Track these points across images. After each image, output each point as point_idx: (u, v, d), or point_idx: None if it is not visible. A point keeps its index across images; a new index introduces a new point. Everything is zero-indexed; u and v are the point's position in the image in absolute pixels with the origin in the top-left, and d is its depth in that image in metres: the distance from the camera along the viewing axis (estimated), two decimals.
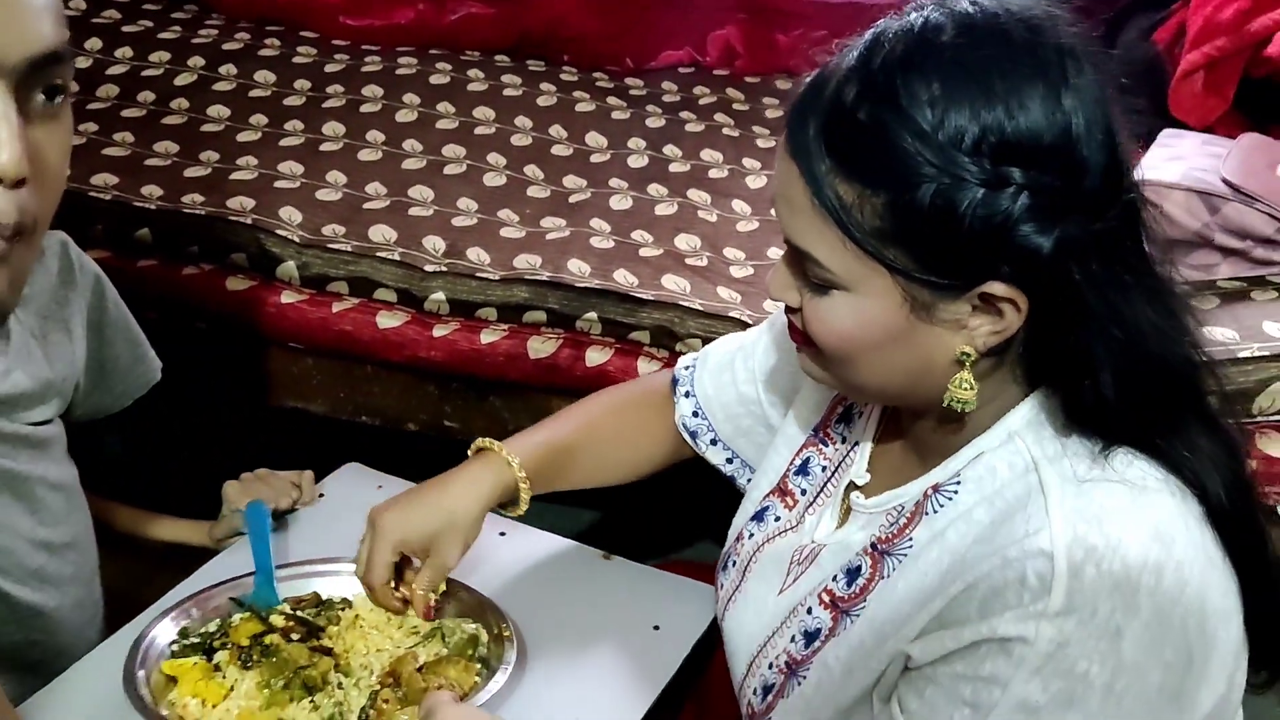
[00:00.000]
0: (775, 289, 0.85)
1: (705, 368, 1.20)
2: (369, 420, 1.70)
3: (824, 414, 1.05)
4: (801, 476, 1.04)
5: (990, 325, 0.78)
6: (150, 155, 1.85)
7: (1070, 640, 0.73)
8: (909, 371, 0.82)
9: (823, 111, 0.76)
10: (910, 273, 0.76)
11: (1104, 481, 0.77)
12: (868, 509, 0.93)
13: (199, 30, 2.32)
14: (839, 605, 0.91)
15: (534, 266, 1.64)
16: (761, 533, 1.05)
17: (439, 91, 2.15)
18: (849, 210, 0.75)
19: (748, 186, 1.94)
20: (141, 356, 1.36)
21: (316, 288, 1.63)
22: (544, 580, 1.24)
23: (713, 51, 2.44)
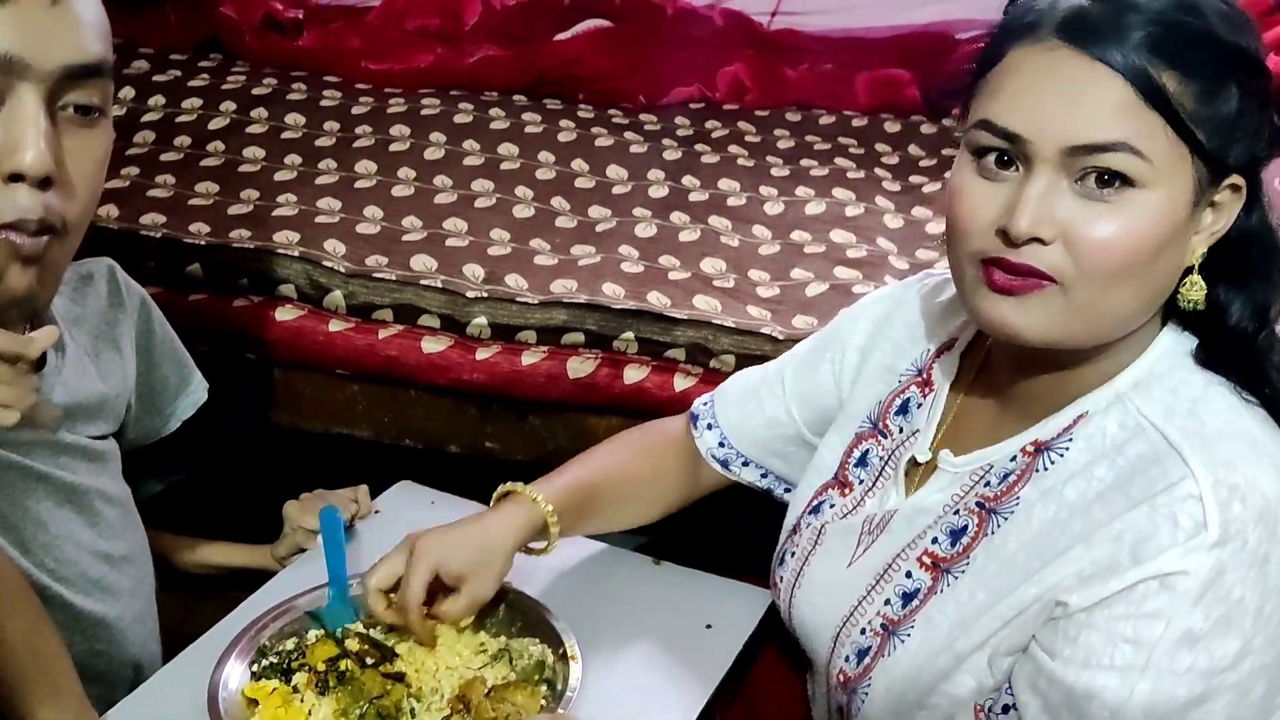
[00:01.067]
0: (1029, 221, 0.84)
1: (726, 400, 1.26)
2: (412, 443, 1.76)
3: (881, 408, 1.11)
4: (861, 468, 1.10)
5: (1211, 224, 0.88)
6: (193, 195, 1.92)
7: (1226, 568, 0.81)
8: (1164, 282, 0.88)
9: (1144, 22, 0.83)
10: (1212, 155, 0.84)
11: (1223, 435, 0.86)
12: (954, 466, 0.99)
13: (227, 78, 2.39)
14: (940, 565, 0.96)
15: (570, 290, 1.71)
16: (820, 520, 1.11)
17: (464, 130, 2.22)
18: (1174, 96, 0.82)
19: (766, 212, 2.02)
20: (187, 378, 1.41)
21: (362, 316, 1.70)
22: (597, 585, 1.29)
23: (722, 87, 2.52)
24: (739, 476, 1.26)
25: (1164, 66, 0.82)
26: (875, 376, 1.14)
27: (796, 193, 2.09)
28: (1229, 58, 0.84)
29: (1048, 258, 0.84)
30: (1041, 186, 0.84)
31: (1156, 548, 0.83)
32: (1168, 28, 0.83)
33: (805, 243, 1.91)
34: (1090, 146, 0.83)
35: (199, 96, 2.27)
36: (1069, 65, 0.83)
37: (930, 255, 1.88)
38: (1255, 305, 0.89)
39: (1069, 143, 0.83)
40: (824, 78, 2.53)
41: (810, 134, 2.37)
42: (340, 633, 1.13)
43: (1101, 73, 0.82)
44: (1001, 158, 0.86)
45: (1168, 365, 0.91)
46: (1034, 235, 0.84)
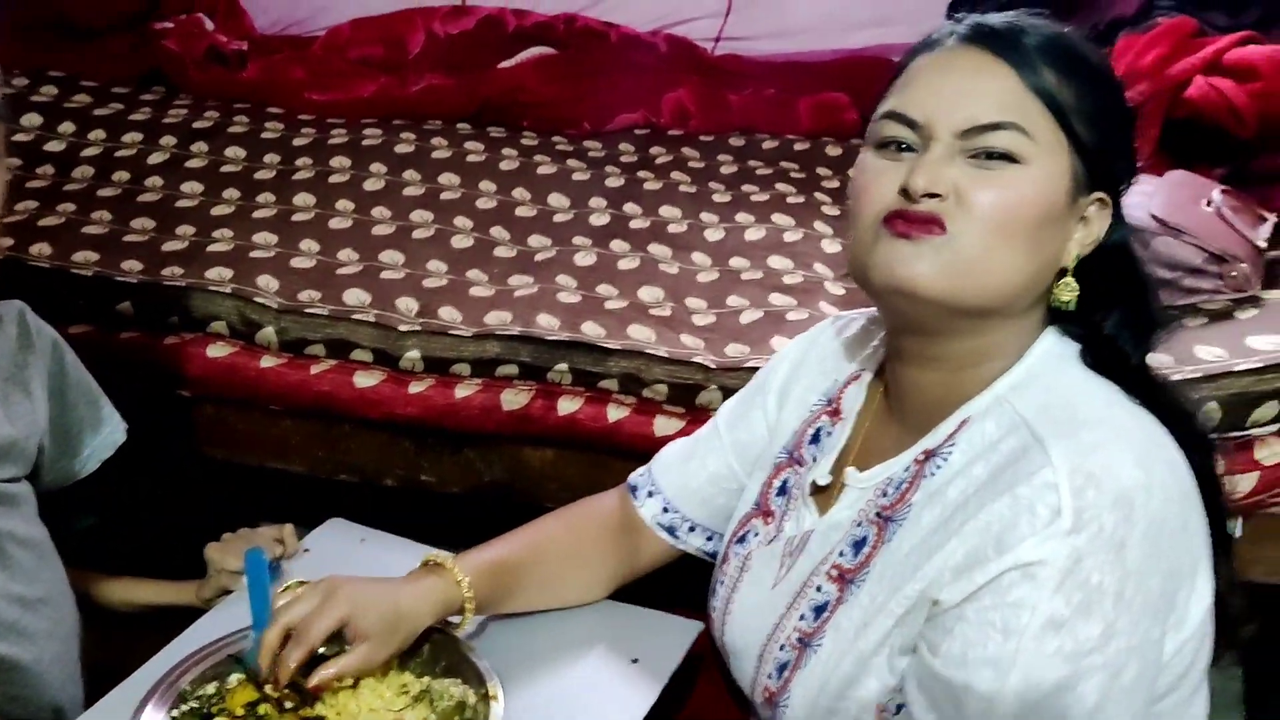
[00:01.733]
0: (926, 178, 0.91)
1: (665, 465, 1.27)
2: (348, 478, 1.76)
3: (796, 437, 1.14)
4: (781, 496, 1.13)
5: (1082, 237, 0.96)
6: (128, 232, 1.91)
7: (1083, 554, 0.84)
8: (1043, 263, 0.95)
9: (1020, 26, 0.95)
10: (1088, 149, 0.93)
11: (1088, 424, 0.90)
12: (860, 483, 1.03)
13: (169, 111, 2.39)
14: (845, 576, 1.00)
15: (505, 322, 1.71)
16: (745, 549, 1.13)
17: (405, 160, 2.22)
18: (1055, 88, 0.92)
19: (706, 240, 2.02)
20: (104, 418, 1.41)
21: (295, 351, 1.69)
22: (524, 621, 1.28)
23: (667, 113, 2.53)
24: (685, 544, 1.26)
25: (1046, 66, 0.93)
26: (793, 412, 1.17)
27: (737, 218, 2.09)
28: (1101, 78, 0.96)
29: (941, 209, 0.92)
30: (938, 156, 0.92)
31: (1017, 537, 0.86)
32: (1052, 39, 0.95)
33: (743, 269, 1.92)
34: (982, 127, 0.91)
35: (139, 130, 2.27)
36: (966, 60, 0.94)
37: None
38: (1132, 322, 0.97)
39: (963, 126, 0.92)
40: (767, 102, 2.55)
41: (753, 158, 2.38)
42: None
43: (994, 65, 0.93)
44: (900, 146, 0.95)
45: (1045, 366, 0.96)
46: (930, 190, 0.91)
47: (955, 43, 0.96)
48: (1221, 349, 1.54)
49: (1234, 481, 1.49)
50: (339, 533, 1.44)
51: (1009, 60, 0.92)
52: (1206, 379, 1.48)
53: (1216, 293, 1.68)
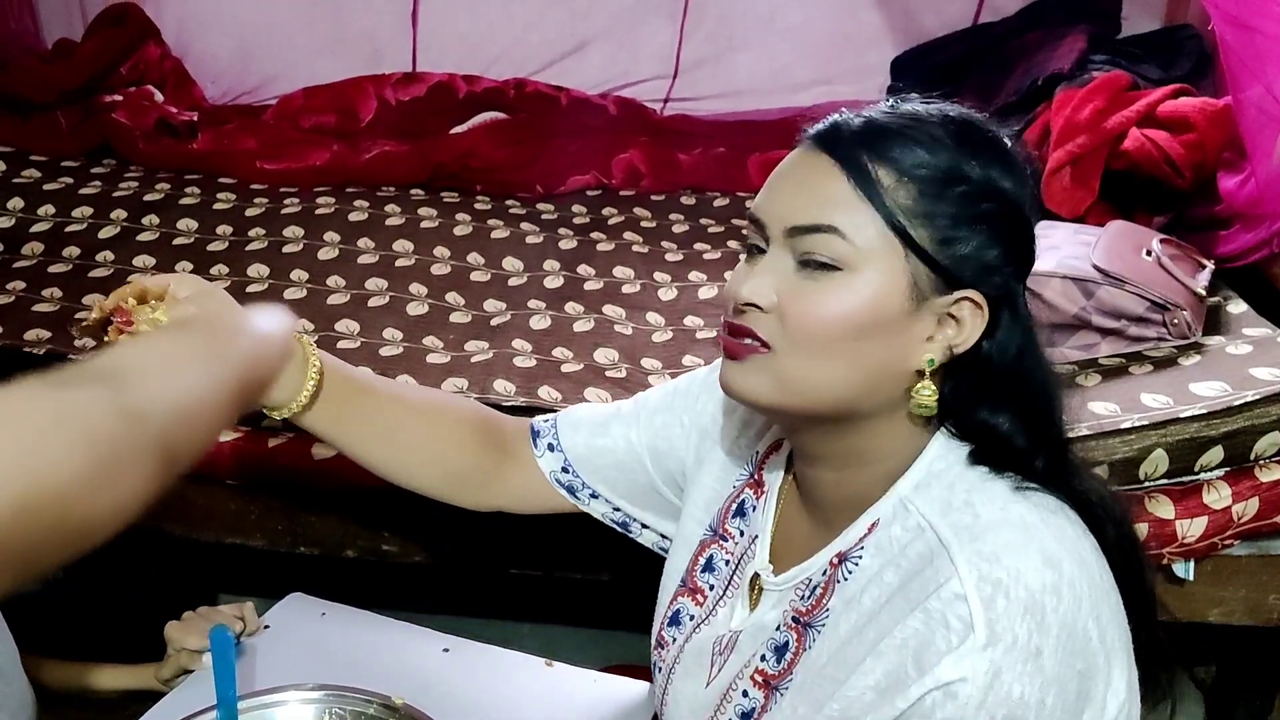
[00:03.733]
0: (749, 288, 0.91)
1: (573, 426, 1.24)
2: (308, 550, 1.74)
3: (720, 513, 1.12)
4: (708, 573, 1.11)
5: (951, 337, 0.91)
6: (80, 309, 1.90)
7: (1001, 668, 0.82)
8: (876, 370, 0.91)
9: (864, 125, 0.91)
10: (926, 252, 0.88)
11: (992, 526, 0.87)
12: (778, 585, 1.00)
13: (119, 183, 2.39)
14: (770, 683, 0.97)
15: (461, 389, 1.71)
16: (680, 634, 1.11)
17: (358, 228, 2.23)
18: (886, 190, 0.88)
19: (660, 299, 2.04)
20: None
21: (251, 425, 1.68)
22: (489, 693, 1.29)
23: (618, 174, 2.57)
24: (588, 508, 1.24)
25: (880, 163, 0.89)
26: (712, 474, 1.15)
27: (690, 278, 2.12)
28: (962, 176, 0.90)
29: (762, 324, 0.91)
30: (769, 262, 0.91)
31: (935, 655, 0.83)
32: (889, 131, 0.90)
33: (698, 328, 1.94)
34: (802, 228, 0.89)
35: (90, 205, 2.26)
36: (805, 161, 0.93)
37: None
38: (1028, 426, 0.92)
39: (787, 224, 0.90)
40: (717, 160, 2.59)
41: (704, 216, 2.41)
42: None
43: (826, 165, 0.90)
44: (755, 248, 0.95)
45: (945, 464, 0.93)
46: (750, 301, 0.91)
47: (805, 147, 0.94)
48: (1167, 396, 1.57)
49: (1185, 526, 1.51)
50: (300, 608, 1.44)
51: (844, 163, 0.89)
52: (1153, 426, 1.51)
53: (1161, 340, 1.72)
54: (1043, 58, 2.31)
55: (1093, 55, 2.28)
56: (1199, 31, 2.34)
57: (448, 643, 1.38)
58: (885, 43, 2.69)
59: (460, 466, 1.22)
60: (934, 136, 0.90)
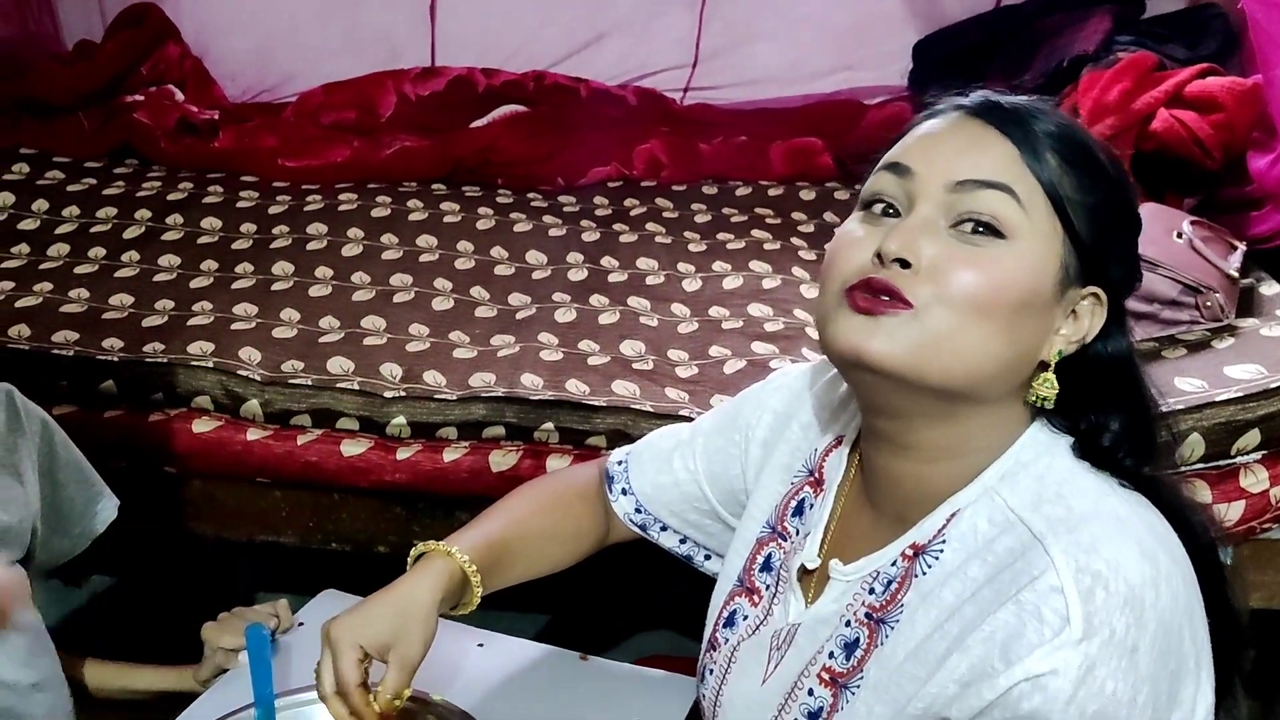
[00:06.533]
0: (899, 243, 0.86)
1: (641, 465, 1.24)
2: (339, 547, 1.74)
3: (778, 511, 1.10)
4: (765, 573, 1.09)
5: (1072, 333, 0.90)
6: (107, 309, 1.91)
7: (1095, 663, 0.80)
8: (1015, 351, 0.88)
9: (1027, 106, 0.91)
10: (1081, 239, 0.88)
11: (1086, 518, 0.85)
12: (844, 575, 0.98)
13: (142, 184, 2.40)
14: (838, 681, 0.95)
15: (489, 384, 1.71)
16: (735, 635, 1.09)
17: (381, 224, 2.23)
18: (1052, 169, 0.88)
19: (684, 290, 2.04)
20: (95, 496, 1.40)
21: (280, 423, 1.68)
22: (524, 687, 1.28)
23: (639, 165, 2.55)
24: (657, 541, 1.25)
25: (1049, 149, 0.88)
26: (774, 476, 1.13)
27: (714, 268, 2.11)
28: (1106, 177, 0.90)
29: (909, 283, 0.86)
30: (918, 220, 0.87)
31: (1025, 647, 0.81)
32: (1060, 127, 0.90)
33: (723, 319, 1.93)
34: (974, 181, 0.87)
35: (114, 205, 2.27)
36: (967, 126, 0.90)
37: None
38: (1131, 436, 0.91)
39: (955, 177, 0.87)
40: (738, 149, 2.57)
41: (727, 206, 2.40)
42: None
43: (994, 135, 0.89)
44: (888, 209, 0.90)
45: (1034, 454, 0.91)
46: (901, 256, 0.86)
47: (960, 114, 0.91)
48: (1201, 380, 1.55)
49: (1222, 510, 1.50)
50: (333, 605, 1.43)
51: (1012, 137, 0.88)
52: (1189, 410, 1.50)
53: (1194, 323, 1.70)
54: (1067, 39, 2.28)
55: (1118, 36, 2.25)
56: (1224, 10, 2.31)
57: (481, 637, 1.37)
58: (906, 28, 2.66)
59: (586, 545, 1.25)
60: (1087, 137, 0.91)
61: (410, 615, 1.05)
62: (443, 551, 1.11)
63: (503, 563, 1.16)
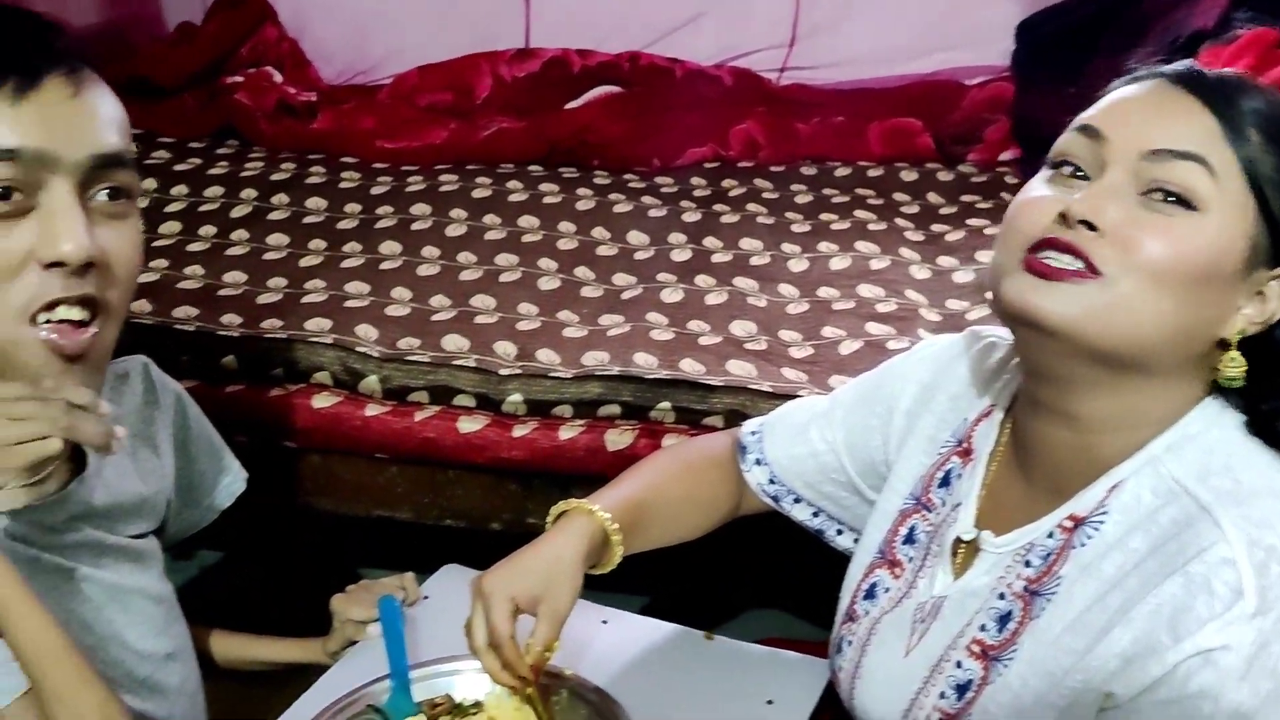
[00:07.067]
0: (1088, 205, 0.86)
1: (775, 436, 1.24)
2: (453, 523, 1.76)
3: (923, 482, 1.10)
4: (909, 545, 1.08)
5: (1254, 314, 0.88)
6: (222, 286, 1.94)
7: (1270, 639, 0.78)
8: (1193, 324, 0.87)
9: (1233, 78, 0.90)
10: (1276, 219, 0.86)
11: (1257, 492, 0.84)
12: (997, 548, 0.97)
13: (245, 163, 2.43)
14: (989, 653, 0.94)
15: (603, 362, 1.71)
16: (876, 607, 1.09)
17: (483, 204, 2.24)
18: (1252, 145, 0.86)
19: (790, 270, 2.02)
20: (225, 468, 1.42)
21: (398, 399, 1.70)
22: (652, 665, 1.28)
23: (735, 145, 2.54)
24: (790, 513, 1.25)
25: (1253, 125, 0.87)
26: (919, 447, 1.12)
27: (819, 248, 2.09)
28: None
29: (1095, 247, 0.85)
30: (1106, 186, 0.87)
31: (1195, 621, 0.80)
32: (1270, 105, 0.88)
33: (833, 299, 1.91)
34: (1168, 151, 0.85)
35: (220, 184, 2.30)
36: (1167, 94, 0.89)
37: (961, 306, 1.88)
38: None
39: (1149, 145, 0.86)
40: (836, 130, 2.55)
41: (827, 187, 2.38)
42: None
43: (1195, 105, 0.87)
44: (1076, 171, 0.89)
45: (1202, 427, 0.90)
46: (1088, 218, 0.85)
47: (1161, 81, 0.90)
48: None
49: None
50: (456, 578, 1.44)
51: (1214, 108, 0.87)
52: None
53: None
54: (1182, 15, 2.22)
55: (1235, 11, 2.19)
56: None
57: (605, 614, 1.37)
58: (1009, 6, 2.60)
59: (719, 514, 1.26)
60: None
61: (558, 569, 1.06)
62: (585, 510, 1.12)
63: (641, 524, 1.16)
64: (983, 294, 1.09)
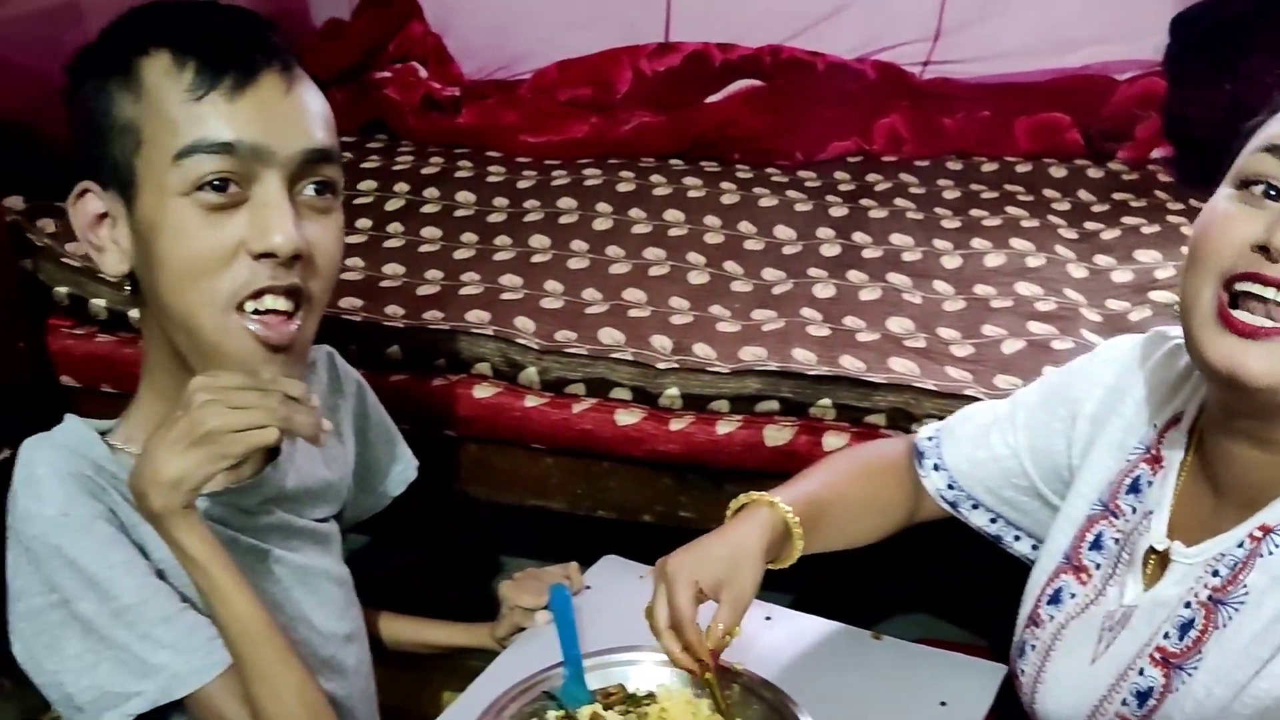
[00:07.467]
0: None
1: (955, 441, 1.23)
2: (605, 514, 1.77)
3: (1111, 488, 1.08)
4: (1096, 551, 1.07)
5: None
6: (382, 278, 1.98)
7: None
8: None
9: None
10: None
11: None
12: (1188, 559, 0.96)
13: (395, 158, 2.48)
14: (1171, 661, 0.93)
15: (761, 358, 1.71)
16: (1061, 612, 1.08)
17: (628, 199, 2.25)
18: None
19: (944, 266, 1.99)
20: (399, 456, 1.46)
21: (556, 391, 1.72)
22: (819, 663, 1.27)
23: (879, 139, 2.52)
24: (968, 519, 1.24)
25: None
26: (1105, 453, 1.10)
27: (972, 245, 2.06)
28: None
29: None
30: None
31: None
32: None
33: (990, 297, 1.88)
34: None
35: (373, 178, 2.35)
36: None
37: (1121, 306, 1.83)
38: None
39: None
40: (982, 125, 2.51)
41: (975, 182, 2.34)
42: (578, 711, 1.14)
43: None
44: (1269, 190, 0.86)
45: None
46: None
47: None
48: None
49: None
50: (617, 569, 1.46)
51: None
52: None
53: None
54: None
55: None
56: None
57: (769, 611, 1.37)
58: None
59: (894, 520, 1.26)
60: None
61: (742, 556, 1.07)
62: (767, 502, 1.12)
63: (819, 523, 1.16)
64: (1171, 310, 1.06)
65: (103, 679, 1.04)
